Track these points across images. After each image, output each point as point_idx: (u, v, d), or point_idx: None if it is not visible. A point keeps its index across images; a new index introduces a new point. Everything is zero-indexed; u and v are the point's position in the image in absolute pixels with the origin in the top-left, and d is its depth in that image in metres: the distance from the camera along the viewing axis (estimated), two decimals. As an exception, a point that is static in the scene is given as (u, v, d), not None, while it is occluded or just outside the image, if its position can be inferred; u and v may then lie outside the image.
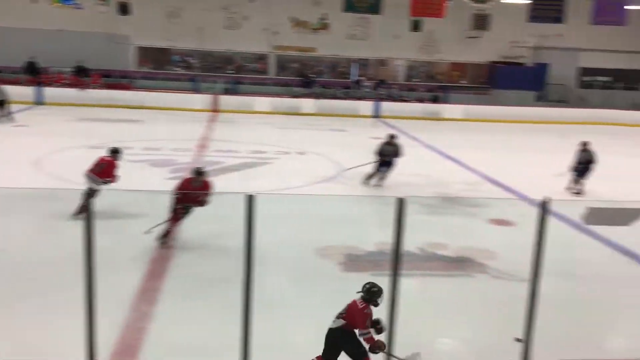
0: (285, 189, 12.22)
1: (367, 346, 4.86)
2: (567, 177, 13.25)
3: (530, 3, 18.30)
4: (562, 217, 9.78)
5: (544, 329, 6.12)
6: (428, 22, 26.52)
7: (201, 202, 8.36)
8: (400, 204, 3.96)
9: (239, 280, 4.55)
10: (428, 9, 22.57)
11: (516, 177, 14.28)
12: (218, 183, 9.79)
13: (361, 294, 4.99)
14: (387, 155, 12.99)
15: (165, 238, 8.43)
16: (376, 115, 26.77)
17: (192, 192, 8.26)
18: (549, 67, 29.28)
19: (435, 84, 30.18)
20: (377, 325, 4.97)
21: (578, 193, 12.94)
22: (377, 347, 4.85)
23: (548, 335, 6.12)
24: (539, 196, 4.15)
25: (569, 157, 13.31)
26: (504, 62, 29.55)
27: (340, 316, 5.01)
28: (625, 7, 15.19)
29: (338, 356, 5.02)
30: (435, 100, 28.77)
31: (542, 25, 24.82)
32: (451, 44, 29.31)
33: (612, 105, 27.93)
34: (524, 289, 5.20)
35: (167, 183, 10.81)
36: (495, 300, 7.26)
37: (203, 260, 8.16)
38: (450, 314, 6.93)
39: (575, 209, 3.99)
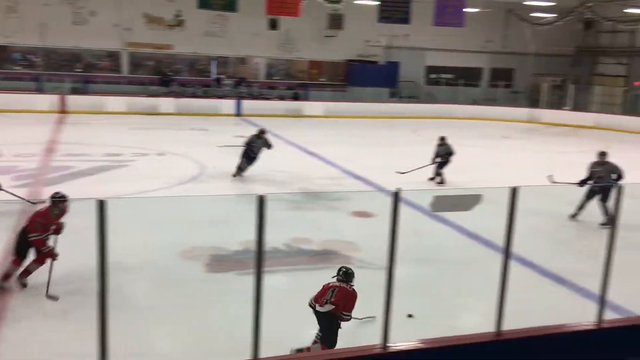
0: (144, 192, 11.72)
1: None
2: (424, 169, 14.12)
3: (379, 4, 19.25)
4: (417, 207, 10.41)
5: (402, 311, 6.48)
6: (285, 21, 26.85)
7: (59, 231, 7.19)
8: (261, 201, 3.95)
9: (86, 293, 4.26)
10: (283, 7, 22.83)
11: (375, 170, 14.97)
12: (69, 189, 9.11)
13: (337, 277, 5.53)
14: (254, 147, 13.58)
15: (6, 281, 7.03)
16: (238, 114, 26.62)
17: (53, 223, 7.06)
18: (400, 65, 31.01)
19: (296, 82, 30.69)
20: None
21: (441, 183, 13.81)
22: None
23: (400, 316, 6.50)
24: (396, 187, 4.38)
25: (423, 150, 14.21)
26: (360, 60, 30.82)
27: (327, 301, 5.34)
28: (464, 9, 16.54)
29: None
30: (295, 97, 29.25)
31: (392, 25, 26.23)
32: (309, 42, 29.96)
33: (456, 101, 30.34)
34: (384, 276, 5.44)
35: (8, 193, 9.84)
36: (360, 289, 7.55)
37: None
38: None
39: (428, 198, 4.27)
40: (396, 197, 4.31)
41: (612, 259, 4.91)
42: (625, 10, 27.71)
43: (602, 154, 11.20)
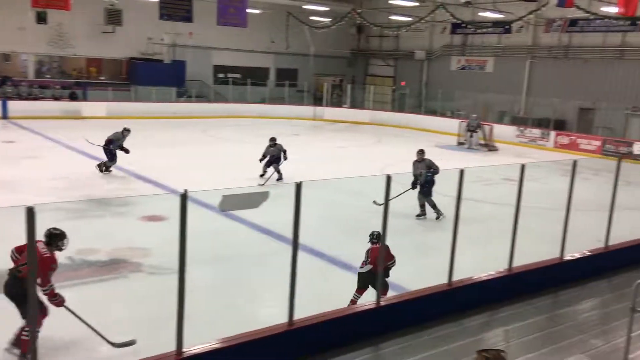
0: None
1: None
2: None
3: (159, 1, 18.62)
4: (211, 207, 10.34)
5: (197, 313, 6.39)
6: (56, 15, 24.53)
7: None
8: (30, 214, 3.55)
9: None
10: (52, 0, 20.82)
11: (165, 172, 14.50)
12: None
13: (371, 240, 6.75)
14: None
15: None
16: (4, 116, 23.72)
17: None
18: (186, 64, 30.46)
19: (72, 81, 28.27)
20: None
21: (280, 179, 14.31)
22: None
23: (199, 319, 6.42)
24: (194, 187, 4.28)
25: (214, 149, 14.14)
26: (143, 59, 29.54)
27: (366, 263, 6.62)
28: (246, 10, 16.82)
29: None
30: (73, 97, 26.98)
31: (177, 23, 25.60)
32: (85, 38, 27.80)
33: (245, 100, 30.84)
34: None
35: None
36: (152, 295, 7.26)
37: None
38: (108, 319, 6.64)
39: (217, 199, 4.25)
40: (184, 198, 4.21)
41: (385, 242, 5.43)
42: (390, 17, 30.85)
43: (421, 152, 12.11)
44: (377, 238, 6.69)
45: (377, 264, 6.10)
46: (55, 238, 5.54)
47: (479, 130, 23.08)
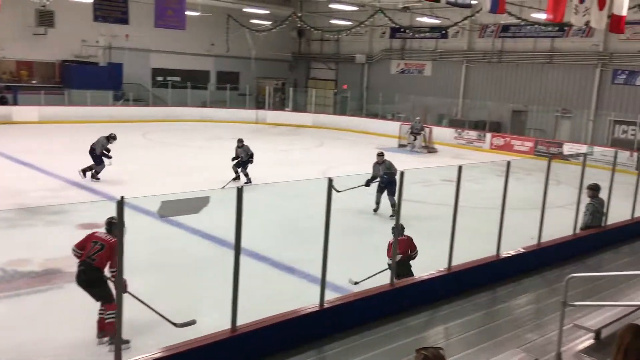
0: None
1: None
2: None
3: (93, 2, 18.03)
4: (150, 213, 10.10)
5: (136, 323, 6.23)
6: (-18, 15, 23.39)
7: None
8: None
9: None
10: (-21, 0, 19.78)
11: (102, 177, 14.07)
12: None
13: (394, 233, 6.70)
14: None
15: None
16: None
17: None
18: (123, 67, 29.65)
19: (2, 84, 26.99)
20: None
21: (248, 182, 14.32)
22: None
23: (138, 329, 6.28)
24: (134, 193, 4.15)
25: (155, 152, 13.83)
26: (77, 61, 28.54)
27: (396, 253, 6.54)
28: (185, 12, 16.53)
29: None
30: (3, 102, 25.78)
31: (113, 25, 24.85)
32: (15, 40, 26.63)
33: (185, 104, 30.34)
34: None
35: None
36: (88, 307, 7.02)
37: None
38: (43, 332, 6.39)
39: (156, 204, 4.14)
40: (120, 205, 4.10)
41: (328, 246, 5.46)
42: (331, 21, 31.09)
43: (381, 155, 12.53)
44: (402, 230, 7.47)
45: (392, 255, 6.56)
46: (114, 225, 6.14)
47: (422, 133, 23.60)
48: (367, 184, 12.11)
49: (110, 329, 6.03)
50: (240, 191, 4.63)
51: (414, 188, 11.01)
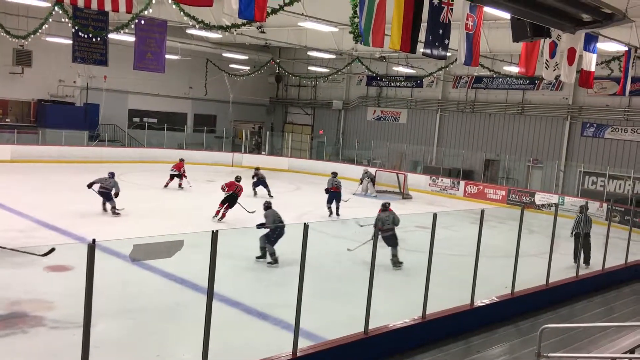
0: None
1: None
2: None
3: (72, 44, 18.11)
4: (124, 256, 9.89)
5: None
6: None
7: None
8: None
9: None
10: (-44, 37, 19.72)
11: (74, 219, 13.80)
12: None
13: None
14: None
15: None
16: None
17: None
18: (100, 108, 29.52)
19: (-26, 122, 26.63)
20: None
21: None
22: None
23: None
24: (105, 235, 4.07)
25: (130, 194, 13.63)
26: (53, 101, 28.36)
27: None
28: (165, 56, 16.70)
29: None
30: (-26, 139, 25.35)
31: (91, 66, 24.88)
32: (-9, 78, 26.46)
33: (162, 145, 30.22)
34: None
35: None
36: (54, 353, 6.77)
37: None
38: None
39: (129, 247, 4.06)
40: (92, 248, 4.02)
41: (302, 291, 5.40)
42: (309, 68, 31.64)
43: (387, 205, 12.20)
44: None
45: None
46: None
47: (367, 179, 23.95)
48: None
49: None
50: (215, 236, 4.58)
51: (389, 234, 11.03)
